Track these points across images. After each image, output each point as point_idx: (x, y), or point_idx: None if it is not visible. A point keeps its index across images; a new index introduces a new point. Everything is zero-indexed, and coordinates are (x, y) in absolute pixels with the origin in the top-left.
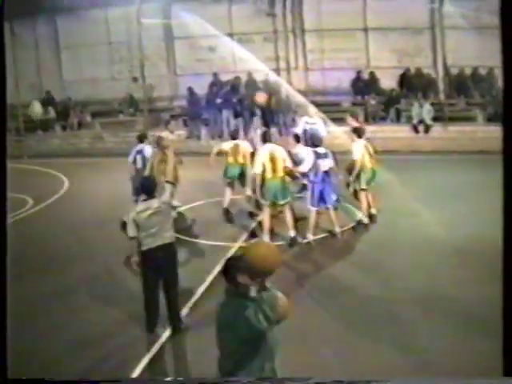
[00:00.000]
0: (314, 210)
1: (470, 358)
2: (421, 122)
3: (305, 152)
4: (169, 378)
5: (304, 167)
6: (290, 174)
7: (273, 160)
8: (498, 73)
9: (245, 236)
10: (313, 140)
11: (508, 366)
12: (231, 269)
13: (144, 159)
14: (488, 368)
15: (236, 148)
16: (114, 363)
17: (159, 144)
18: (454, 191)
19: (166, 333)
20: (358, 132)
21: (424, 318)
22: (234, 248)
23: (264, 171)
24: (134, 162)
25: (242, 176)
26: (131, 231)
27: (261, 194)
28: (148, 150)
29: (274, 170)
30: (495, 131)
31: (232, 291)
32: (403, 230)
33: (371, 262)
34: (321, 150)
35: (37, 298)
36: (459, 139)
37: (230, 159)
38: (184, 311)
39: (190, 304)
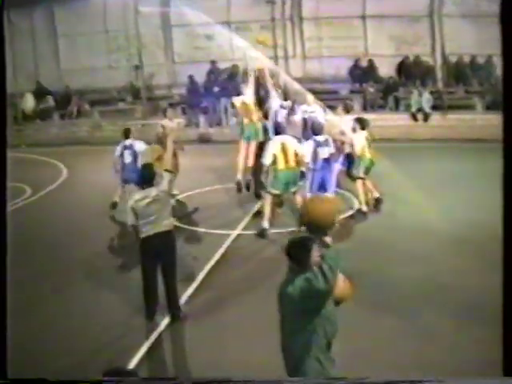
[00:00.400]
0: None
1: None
2: (419, 110)
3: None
4: (169, 377)
5: (306, 157)
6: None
7: (284, 151)
8: (497, 61)
9: (245, 223)
10: (313, 128)
11: (508, 365)
12: (293, 248)
13: (135, 154)
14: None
15: (245, 106)
16: (112, 352)
17: (160, 139)
18: (452, 179)
19: (165, 321)
20: (362, 123)
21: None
22: (233, 235)
23: (274, 162)
24: (121, 155)
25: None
26: (130, 219)
27: (269, 183)
28: (139, 145)
29: (286, 161)
30: (494, 119)
31: (295, 270)
32: (402, 217)
33: (369, 250)
34: (320, 138)
35: (36, 289)
36: (458, 127)
37: (245, 120)
38: (183, 299)
39: (189, 292)
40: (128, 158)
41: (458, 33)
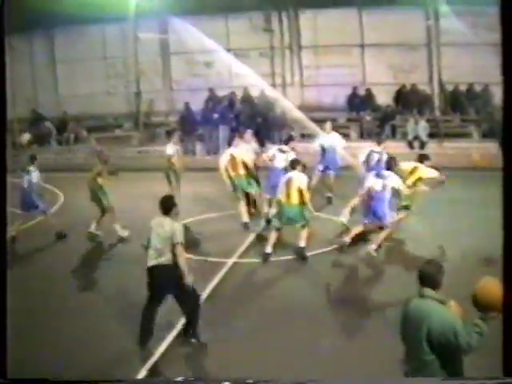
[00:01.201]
0: (363, 224)
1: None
2: (416, 138)
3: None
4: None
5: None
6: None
7: (288, 185)
8: (493, 89)
9: (241, 251)
10: (388, 164)
11: (508, 365)
12: (429, 271)
13: (30, 182)
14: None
15: (233, 160)
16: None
17: (100, 157)
18: (448, 206)
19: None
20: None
21: None
22: (229, 263)
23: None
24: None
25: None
26: (146, 240)
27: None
28: (34, 174)
29: (288, 196)
30: (490, 147)
31: (426, 293)
32: (398, 243)
33: (368, 276)
34: (386, 172)
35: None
36: (454, 155)
37: (233, 173)
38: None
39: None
40: (26, 184)
41: (455, 61)
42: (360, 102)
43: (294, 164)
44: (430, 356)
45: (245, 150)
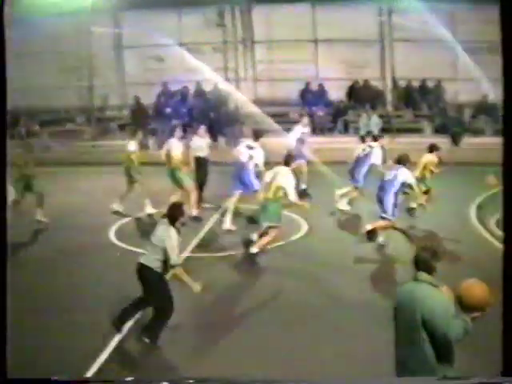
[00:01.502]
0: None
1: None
2: (368, 133)
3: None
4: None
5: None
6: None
7: (271, 179)
8: (446, 85)
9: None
10: (400, 160)
11: (508, 365)
12: (423, 256)
13: None
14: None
15: (168, 154)
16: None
17: (26, 147)
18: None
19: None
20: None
21: None
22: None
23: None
24: None
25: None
26: None
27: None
28: None
29: (267, 190)
30: (442, 142)
31: (421, 278)
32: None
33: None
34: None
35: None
36: (406, 150)
37: (168, 166)
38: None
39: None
40: None
41: (407, 57)
42: (313, 97)
43: (287, 159)
44: (426, 342)
45: (178, 143)
